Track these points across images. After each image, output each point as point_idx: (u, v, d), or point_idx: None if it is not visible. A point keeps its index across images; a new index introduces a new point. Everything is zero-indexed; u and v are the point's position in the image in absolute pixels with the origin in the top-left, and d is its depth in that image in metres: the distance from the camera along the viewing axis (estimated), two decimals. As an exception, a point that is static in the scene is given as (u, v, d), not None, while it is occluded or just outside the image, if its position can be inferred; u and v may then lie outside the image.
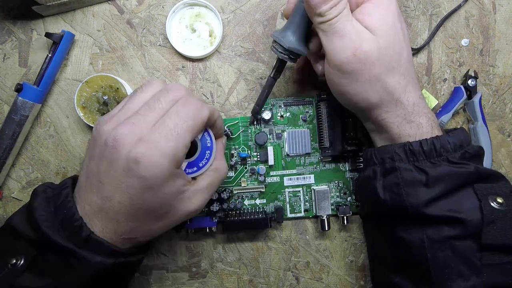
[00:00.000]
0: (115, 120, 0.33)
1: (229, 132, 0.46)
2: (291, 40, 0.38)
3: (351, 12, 0.35)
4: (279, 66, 0.41)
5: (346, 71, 0.35)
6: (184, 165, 0.36)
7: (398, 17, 0.36)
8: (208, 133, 0.37)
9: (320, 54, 0.41)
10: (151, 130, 0.32)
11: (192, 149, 0.35)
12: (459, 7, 0.47)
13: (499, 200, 0.33)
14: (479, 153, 0.36)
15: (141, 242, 0.36)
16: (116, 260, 0.33)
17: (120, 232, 0.33)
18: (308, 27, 0.38)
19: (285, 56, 0.39)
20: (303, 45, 0.39)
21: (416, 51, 0.47)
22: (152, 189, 0.31)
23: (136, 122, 0.32)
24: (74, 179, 0.37)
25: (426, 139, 0.34)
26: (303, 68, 0.46)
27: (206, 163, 0.37)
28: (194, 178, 0.37)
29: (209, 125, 0.37)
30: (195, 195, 0.35)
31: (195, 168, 0.37)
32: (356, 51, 0.34)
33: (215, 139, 0.38)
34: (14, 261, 0.32)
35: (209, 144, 0.37)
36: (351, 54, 0.34)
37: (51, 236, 0.32)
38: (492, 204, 0.33)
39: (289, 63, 0.41)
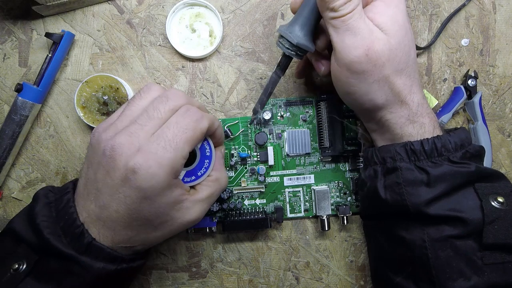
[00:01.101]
0: (113, 128, 0.33)
1: (229, 132, 0.46)
2: (299, 35, 0.36)
3: None
4: (285, 63, 0.39)
5: (356, 71, 0.34)
6: (182, 174, 0.36)
7: (407, 16, 0.35)
8: (208, 142, 0.37)
9: (324, 53, 0.40)
10: (149, 140, 0.31)
11: (191, 157, 0.35)
12: (463, 5, 0.47)
13: (500, 199, 0.33)
14: (480, 153, 0.36)
15: (138, 250, 0.36)
16: (118, 266, 0.33)
17: (117, 241, 0.33)
18: (317, 22, 0.37)
19: (292, 52, 0.37)
20: (311, 41, 0.37)
21: (421, 50, 0.47)
22: (149, 199, 0.31)
23: (134, 132, 0.32)
24: (75, 183, 0.37)
25: (427, 138, 0.34)
26: (304, 69, 0.45)
27: (204, 172, 0.37)
28: (192, 187, 0.36)
29: (208, 135, 0.37)
30: (194, 205, 0.35)
31: (193, 177, 0.36)
32: (368, 51, 0.33)
33: (214, 147, 0.38)
34: (17, 266, 0.32)
35: (208, 153, 0.37)
36: (363, 53, 0.33)
37: (52, 243, 0.32)
38: (493, 203, 0.33)
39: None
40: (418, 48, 0.45)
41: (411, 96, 0.35)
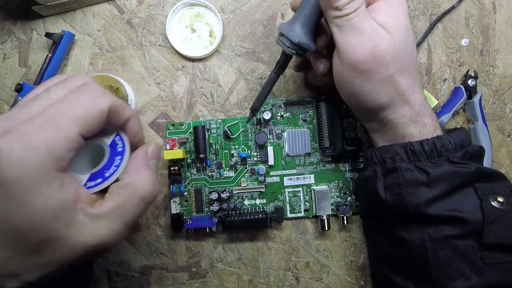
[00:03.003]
0: None
1: (229, 132, 0.46)
2: (300, 34, 0.35)
3: None
4: (284, 61, 0.38)
5: (361, 70, 0.34)
6: (84, 178, 0.28)
7: (408, 17, 0.35)
8: (120, 137, 0.30)
9: (323, 52, 0.40)
10: (24, 121, 0.25)
11: (100, 157, 0.29)
12: (452, 7, 0.47)
13: (500, 199, 0.33)
14: (479, 153, 0.36)
15: (31, 281, 0.25)
16: None
17: None
18: (318, 21, 0.36)
19: (293, 51, 0.36)
20: (312, 40, 0.36)
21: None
22: (15, 197, 0.23)
23: (9, 115, 0.25)
24: None
25: (427, 139, 0.34)
26: (302, 63, 0.44)
27: (114, 171, 0.28)
28: (102, 194, 0.28)
29: (119, 126, 0.30)
30: (94, 220, 0.25)
31: (99, 180, 0.28)
32: (373, 50, 0.33)
33: (136, 147, 0.31)
34: None
35: (120, 149, 0.29)
36: (368, 52, 0.33)
37: None
38: (493, 203, 0.33)
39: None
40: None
41: (414, 95, 0.35)
